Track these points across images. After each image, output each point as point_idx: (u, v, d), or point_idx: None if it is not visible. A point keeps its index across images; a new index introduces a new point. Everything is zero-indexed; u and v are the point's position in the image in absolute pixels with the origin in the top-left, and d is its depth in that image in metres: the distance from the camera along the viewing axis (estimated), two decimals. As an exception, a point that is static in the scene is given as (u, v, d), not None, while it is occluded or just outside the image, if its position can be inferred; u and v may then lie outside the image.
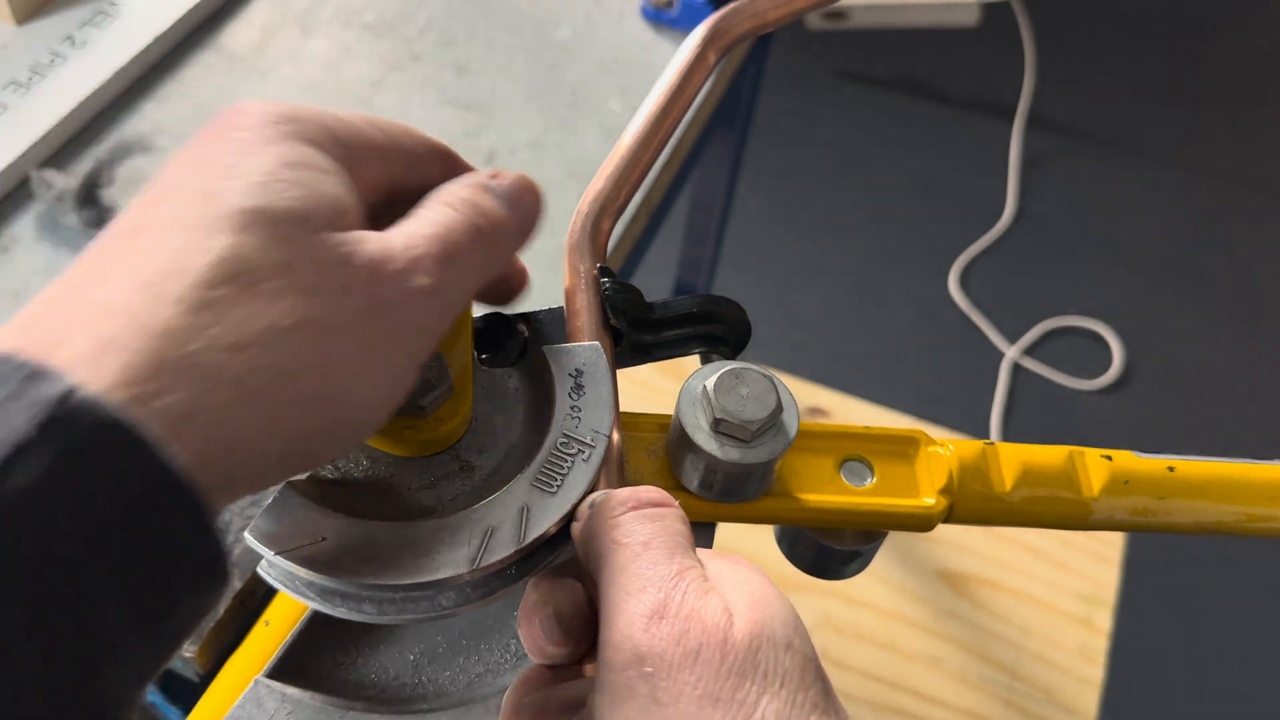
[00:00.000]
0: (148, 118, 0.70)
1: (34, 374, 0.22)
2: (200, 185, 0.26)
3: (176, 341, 0.24)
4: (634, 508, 0.30)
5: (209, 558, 0.24)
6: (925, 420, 1.60)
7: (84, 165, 0.66)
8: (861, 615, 1.39)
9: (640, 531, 0.29)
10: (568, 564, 0.33)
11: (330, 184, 0.28)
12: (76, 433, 0.22)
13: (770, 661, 0.26)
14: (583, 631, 0.31)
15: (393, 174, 0.31)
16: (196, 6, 0.75)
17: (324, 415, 0.26)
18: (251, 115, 0.28)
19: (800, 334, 1.78)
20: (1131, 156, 2.13)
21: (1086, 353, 1.79)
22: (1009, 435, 1.67)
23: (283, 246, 0.26)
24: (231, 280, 0.25)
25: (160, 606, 0.24)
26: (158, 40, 0.73)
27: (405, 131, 0.32)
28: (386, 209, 0.31)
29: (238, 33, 0.77)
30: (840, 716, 0.27)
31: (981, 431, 1.67)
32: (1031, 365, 1.75)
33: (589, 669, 0.31)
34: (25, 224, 0.63)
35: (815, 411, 1.61)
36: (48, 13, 0.73)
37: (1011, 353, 1.76)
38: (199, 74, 0.73)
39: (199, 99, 0.72)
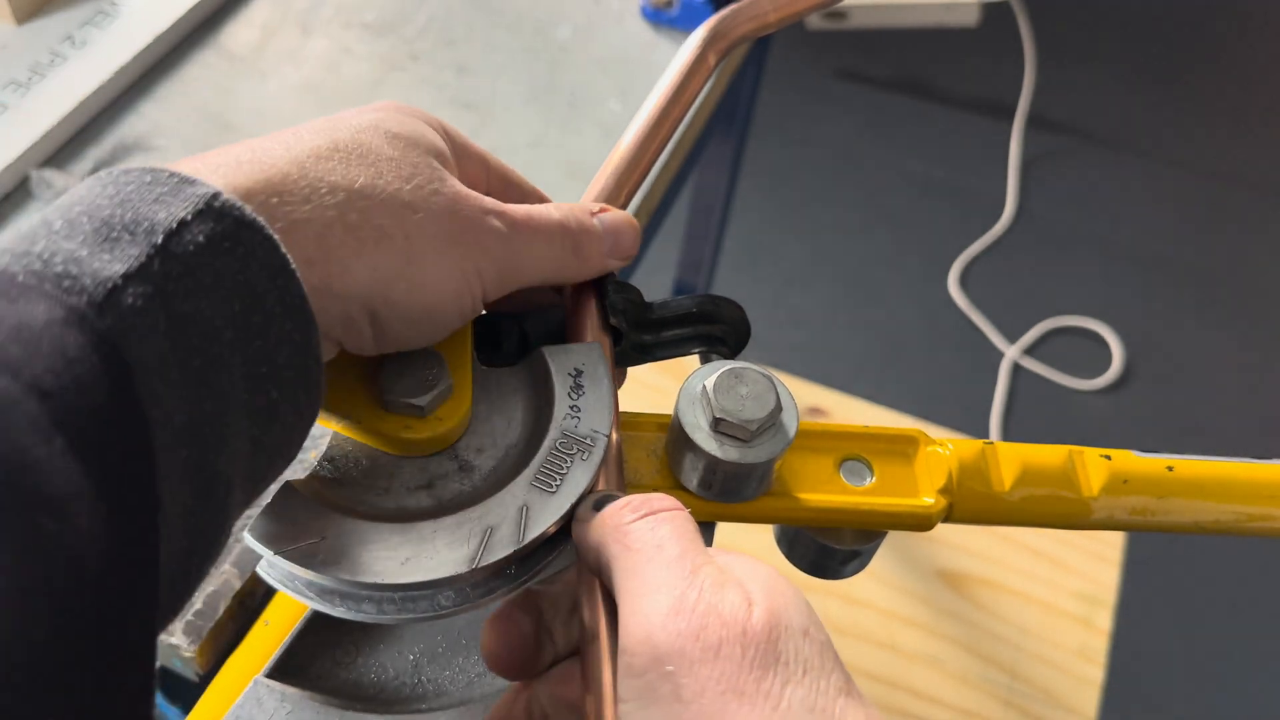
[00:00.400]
0: (147, 117, 0.70)
1: (186, 179, 0.26)
2: (327, 118, 0.33)
3: (293, 172, 0.29)
4: (645, 514, 0.30)
5: (305, 362, 0.28)
6: (925, 420, 1.60)
7: (84, 165, 0.66)
8: (861, 615, 1.39)
9: (651, 536, 0.29)
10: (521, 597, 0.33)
11: (435, 138, 0.34)
12: (223, 223, 0.26)
13: (791, 650, 0.26)
14: (526, 664, 0.32)
15: (479, 176, 0.37)
16: (196, 6, 0.75)
17: (404, 272, 0.31)
18: (385, 103, 0.35)
19: (800, 334, 1.78)
20: (1131, 156, 2.13)
21: (1086, 352, 1.79)
22: (1009, 435, 1.67)
23: (390, 145, 0.32)
24: (344, 152, 0.31)
25: (266, 398, 0.27)
26: (158, 40, 0.73)
27: (497, 161, 0.38)
28: None
29: (238, 32, 0.77)
30: (862, 700, 0.26)
31: (981, 431, 1.67)
32: (1031, 365, 1.75)
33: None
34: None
35: (815, 411, 1.61)
36: (48, 12, 0.73)
37: (1011, 352, 1.76)
38: (199, 74, 0.73)
39: (199, 99, 0.72)
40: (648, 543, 0.29)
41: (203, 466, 0.25)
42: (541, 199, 0.39)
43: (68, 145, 0.67)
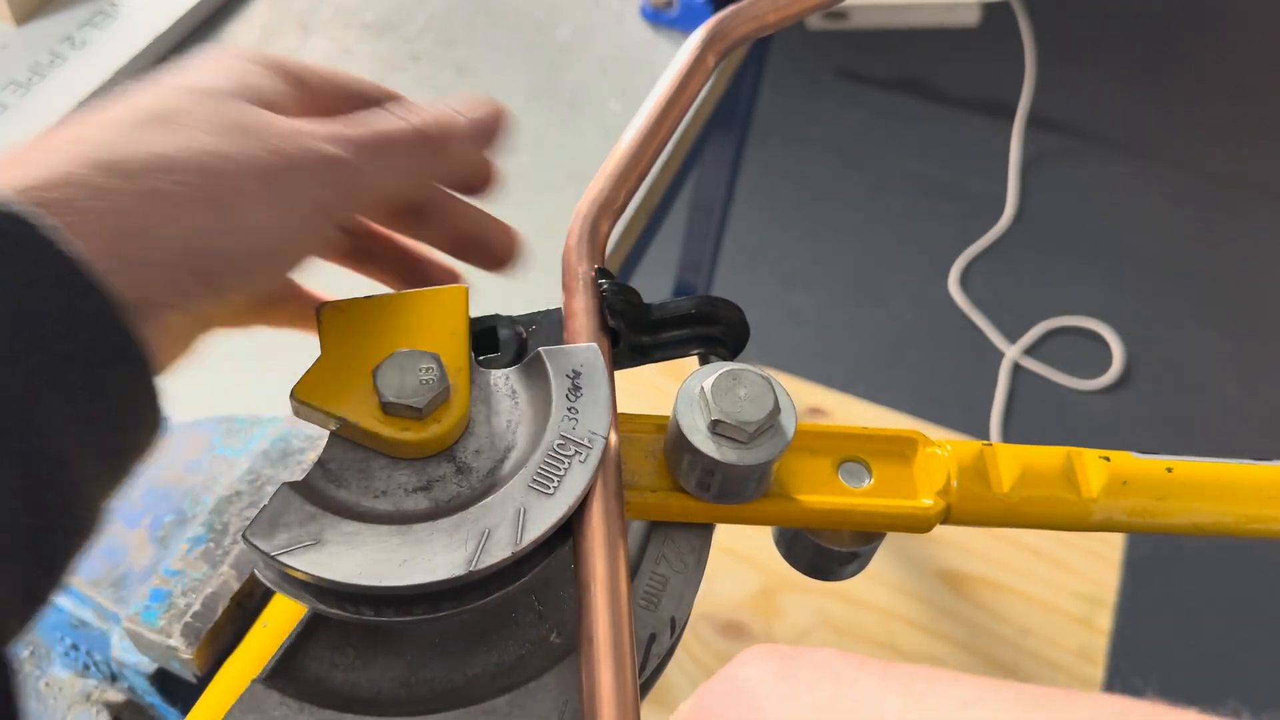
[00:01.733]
0: (147, 118, 0.70)
1: None
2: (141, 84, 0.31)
3: (85, 151, 0.27)
4: None
5: (115, 336, 0.26)
6: (925, 420, 1.60)
7: (83, 166, 0.66)
8: (861, 615, 1.39)
9: None
10: None
11: (252, 75, 0.33)
12: None
13: None
14: None
15: (322, 100, 0.35)
16: (196, 6, 0.75)
17: (226, 224, 0.29)
18: (198, 58, 0.33)
19: (800, 334, 1.78)
20: (1132, 156, 2.13)
21: (1086, 353, 1.79)
22: (1009, 435, 1.67)
23: (194, 101, 0.30)
24: (142, 116, 0.29)
25: (88, 388, 0.26)
26: (157, 40, 0.73)
27: (343, 76, 0.37)
28: None
29: (238, 33, 0.77)
30: None
31: (981, 432, 1.67)
32: (1031, 365, 1.75)
33: None
34: None
35: (815, 411, 1.61)
36: (47, 13, 0.73)
37: (1011, 353, 1.76)
38: (198, 74, 0.73)
39: (198, 99, 0.72)
40: None
41: (21, 457, 0.24)
42: (386, 94, 0.39)
43: (67, 146, 0.67)
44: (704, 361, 0.41)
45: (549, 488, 0.32)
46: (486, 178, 0.40)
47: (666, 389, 0.37)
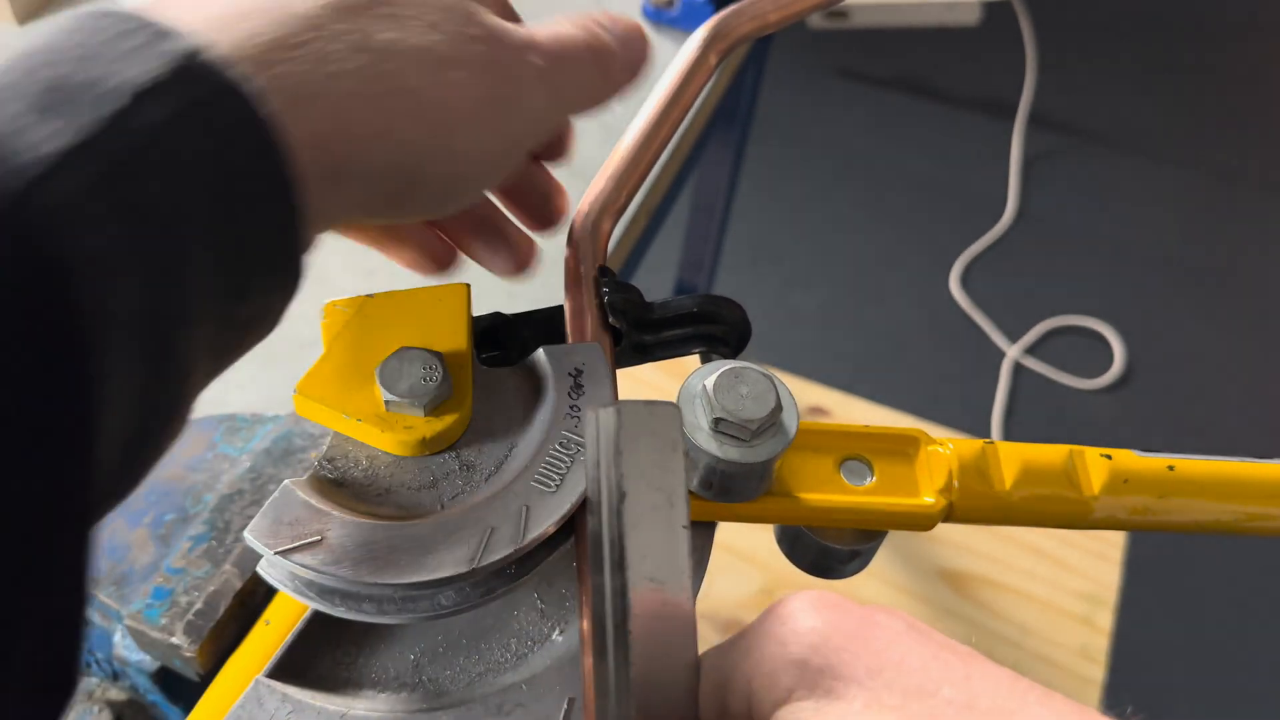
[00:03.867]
0: (148, 118, 0.70)
1: (163, 32, 0.22)
2: None
3: (305, 29, 0.24)
4: None
5: (287, 249, 0.24)
6: (926, 420, 1.60)
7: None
8: (862, 615, 1.39)
9: None
10: None
11: None
12: (200, 88, 0.22)
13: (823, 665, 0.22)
14: None
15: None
16: (197, 7, 0.76)
17: (436, 139, 0.27)
18: None
19: (801, 333, 1.78)
20: (1133, 155, 2.13)
21: (1088, 352, 1.79)
22: (1010, 434, 1.67)
23: None
24: (369, 1, 0.26)
25: (237, 281, 0.24)
26: (158, 40, 0.73)
27: None
28: None
29: (238, 33, 0.77)
30: None
31: (983, 431, 1.67)
32: (1032, 364, 1.75)
33: None
34: None
35: (816, 411, 1.61)
36: (50, 12, 0.73)
37: (1012, 352, 1.76)
38: (200, 74, 0.73)
39: (200, 99, 0.72)
40: None
41: (159, 351, 0.22)
42: None
43: (69, 145, 0.67)
44: (705, 360, 0.41)
45: (551, 485, 0.32)
46: (564, 207, 0.39)
47: (667, 388, 0.37)
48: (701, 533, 0.37)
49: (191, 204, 0.22)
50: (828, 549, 0.39)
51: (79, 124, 0.20)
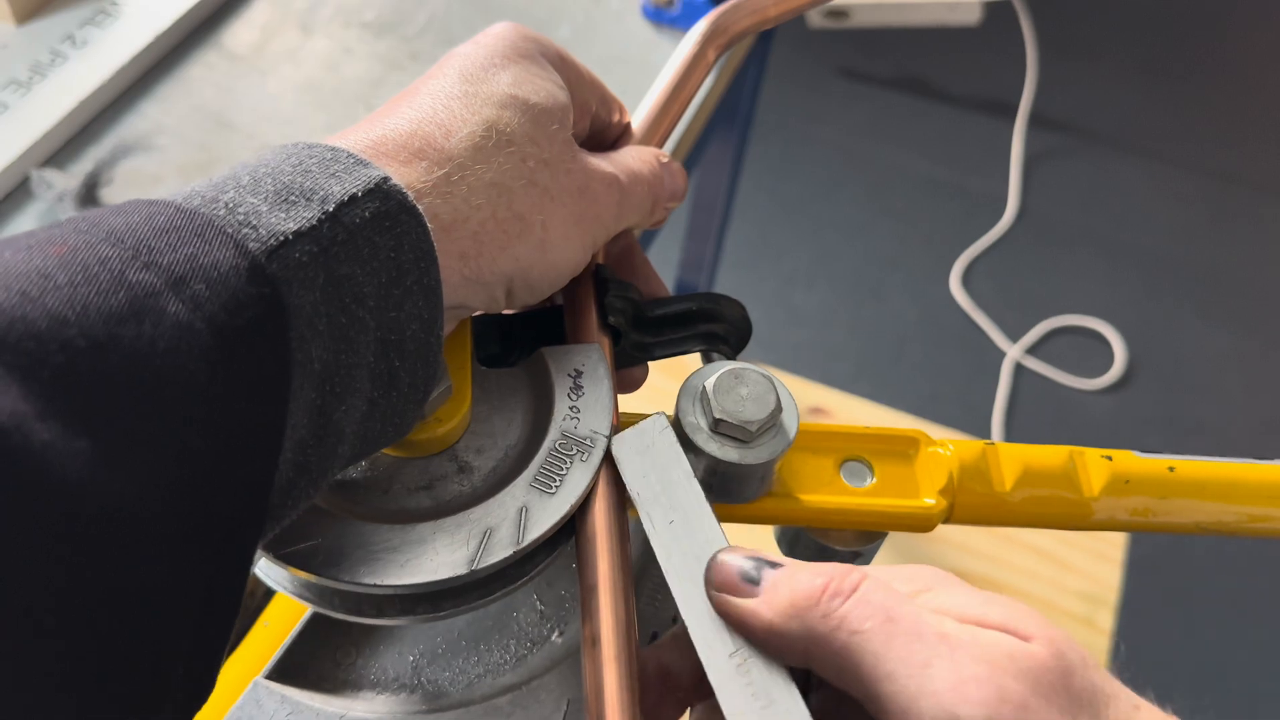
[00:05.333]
0: (148, 117, 0.70)
1: (360, 161, 0.29)
2: (465, 72, 0.34)
3: (453, 170, 0.31)
4: (839, 594, 0.28)
5: (430, 340, 0.30)
6: (927, 420, 1.60)
7: (84, 165, 0.66)
8: (863, 615, 1.39)
9: (873, 611, 0.27)
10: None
11: (562, 95, 0.36)
12: (388, 204, 0.28)
13: (1082, 682, 0.26)
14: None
15: (590, 106, 0.39)
16: (197, 6, 0.75)
17: (539, 254, 0.34)
18: (504, 32, 0.36)
19: (801, 333, 1.78)
20: (1133, 155, 2.13)
21: (1088, 352, 1.79)
22: (1011, 435, 1.66)
23: (531, 125, 0.34)
24: (494, 139, 0.33)
25: (390, 365, 0.29)
26: (158, 40, 0.73)
27: (595, 76, 0.41)
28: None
29: (238, 32, 0.77)
30: (1154, 709, 0.27)
31: (983, 431, 1.67)
32: (1033, 364, 1.75)
33: None
34: (25, 224, 0.63)
35: (816, 411, 1.61)
36: (48, 12, 0.73)
37: (1013, 352, 1.76)
38: (199, 73, 0.73)
39: (199, 98, 0.72)
40: (876, 618, 0.27)
41: (324, 412, 0.27)
42: (620, 109, 0.43)
43: (68, 145, 0.67)
44: (706, 360, 0.41)
45: (551, 487, 0.32)
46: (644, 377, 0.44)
47: (667, 388, 0.37)
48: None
49: (371, 287, 0.28)
50: (828, 550, 0.39)
51: (304, 216, 0.27)
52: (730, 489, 0.36)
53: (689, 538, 0.31)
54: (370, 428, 0.30)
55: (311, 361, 0.26)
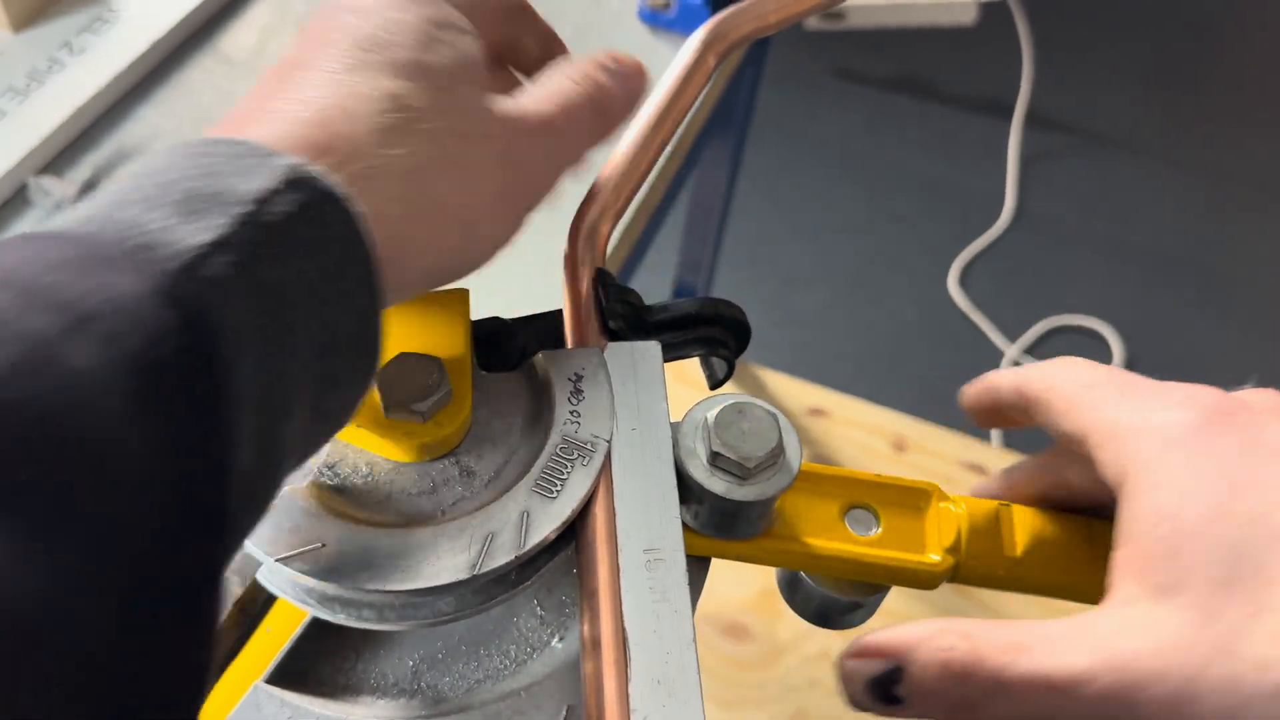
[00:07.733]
0: (146, 123, 0.70)
1: (269, 153, 0.26)
2: (359, 35, 0.30)
3: (364, 158, 0.28)
4: None
5: (369, 334, 0.28)
6: (925, 420, 1.60)
7: (82, 172, 0.66)
8: (863, 615, 1.39)
9: None
10: None
11: (469, 43, 0.32)
12: (311, 193, 0.26)
13: None
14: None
15: (497, 30, 0.36)
16: (195, 11, 0.75)
17: (464, 240, 0.31)
18: None
19: (800, 334, 1.78)
20: (1131, 154, 2.13)
21: (1087, 351, 1.79)
22: (1009, 435, 1.67)
23: (438, 94, 0.30)
24: (400, 115, 0.29)
25: (330, 369, 0.27)
26: (156, 45, 0.73)
27: None
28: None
29: (236, 36, 0.77)
30: None
31: (981, 432, 1.67)
32: (1032, 364, 1.75)
33: None
34: (23, 231, 0.63)
35: (815, 412, 1.61)
36: (46, 19, 0.73)
37: (1012, 351, 1.76)
38: (197, 78, 0.73)
39: (197, 104, 0.72)
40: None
41: (268, 433, 0.25)
42: (551, 39, 0.39)
43: (66, 152, 0.67)
44: (705, 364, 0.41)
45: (552, 491, 0.32)
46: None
47: (667, 390, 0.37)
48: (696, 567, 0.36)
49: (301, 287, 0.25)
50: (827, 597, 0.38)
51: (217, 224, 0.24)
52: (724, 524, 0.35)
53: (643, 443, 0.34)
54: (312, 432, 0.28)
55: (249, 381, 0.24)
